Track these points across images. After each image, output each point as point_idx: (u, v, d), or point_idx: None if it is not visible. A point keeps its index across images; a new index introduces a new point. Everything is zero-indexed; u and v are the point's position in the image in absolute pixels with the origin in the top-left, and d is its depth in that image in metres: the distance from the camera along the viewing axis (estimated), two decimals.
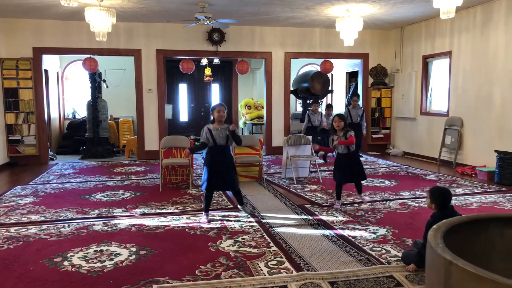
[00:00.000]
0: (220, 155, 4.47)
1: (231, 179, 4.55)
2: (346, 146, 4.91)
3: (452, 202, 5.09)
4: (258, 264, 3.24)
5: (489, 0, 6.93)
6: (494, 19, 6.97)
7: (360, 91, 10.23)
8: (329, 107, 9.40)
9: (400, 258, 3.31)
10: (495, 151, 6.48)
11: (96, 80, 9.64)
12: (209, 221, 4.38)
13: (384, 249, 3.57)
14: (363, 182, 5.25)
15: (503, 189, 5.91)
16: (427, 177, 6.84)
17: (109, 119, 10.50)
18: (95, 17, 6.33)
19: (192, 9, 7.24)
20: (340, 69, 12.07)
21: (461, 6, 6.62)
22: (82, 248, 3.62)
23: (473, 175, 6.88)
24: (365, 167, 7.79)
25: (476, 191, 5.82)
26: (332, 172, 5.16)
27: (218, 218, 4.52)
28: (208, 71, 11.44)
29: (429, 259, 1.13)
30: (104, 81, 10.13)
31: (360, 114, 8.44)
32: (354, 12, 7.44)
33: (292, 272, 3.08)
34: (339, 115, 5.04)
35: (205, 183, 4.45)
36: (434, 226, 1.21)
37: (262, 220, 4.45)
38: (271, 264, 3.24)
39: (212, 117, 4.55)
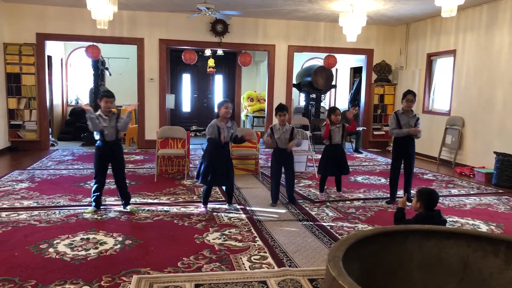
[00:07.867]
0: (222, 151, 4.45)
1: (230, 175, 4.57)
2: (342, 136, 5.12)
3: (446, 203, 5.13)
4: (241, 258, 3.24)
5: None
6: (500, 19, 6.85)
7: (363, 87, 10.16)
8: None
9: None
10: (494, 152, 6.42)
11: (99, 67, 9.66)
12: (208, 212, 4.43)
13: None
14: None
15: (500, 191, 5.85)
16: (424, 176, 6.79)
17: None
18: (96, 5, 6.31)
19: None
20: (346, 63, 11.97)
21: (467, 4, 6.55)
22: (69, 236, 3.65)
23: (471, 175, 6.82)
24: (363, 163, 7.81)
25: (472, 192, 5.77)
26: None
27: (208, 210, 4.53)
28: (211, 62, 11.41)
29: (326, 270, 1.13)
30: (107, 69, 10.15)
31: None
32: (358, 7, 7.34)
33: (273, 268, 3.09)
34: (338, 110, 5.26)
35: (201, 177, 4.45)
36: (343, 237, 1.20)
37: (251, 213, 4.45)
38: (254, 259, 3.24)
39: (217, 113, 4.49)
